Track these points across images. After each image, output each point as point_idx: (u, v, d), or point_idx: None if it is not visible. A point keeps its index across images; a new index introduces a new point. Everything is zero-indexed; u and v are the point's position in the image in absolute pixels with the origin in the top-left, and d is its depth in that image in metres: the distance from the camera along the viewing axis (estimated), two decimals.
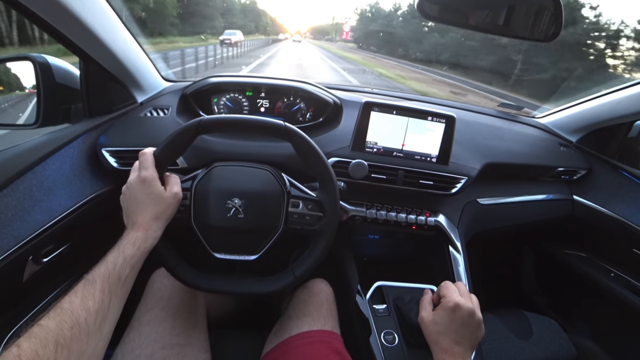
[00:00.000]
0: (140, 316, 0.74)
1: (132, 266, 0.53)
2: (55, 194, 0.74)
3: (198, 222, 0.67)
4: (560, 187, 1.22)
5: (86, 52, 0.78)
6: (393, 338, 0.76)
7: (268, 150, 0.87)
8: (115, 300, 0.49)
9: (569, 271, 1.27)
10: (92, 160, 0.85)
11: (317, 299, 0.82)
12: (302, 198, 0.71)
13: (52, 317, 0.41)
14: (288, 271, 0.69)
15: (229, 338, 0.83)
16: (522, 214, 1.17)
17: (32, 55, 0.83)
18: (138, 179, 0.60)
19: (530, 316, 1.07)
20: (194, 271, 0.67)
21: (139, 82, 0.96)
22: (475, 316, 0.63)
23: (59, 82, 0.85)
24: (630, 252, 1.04)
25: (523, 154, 1.11)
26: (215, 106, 1.05)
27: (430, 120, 0.87)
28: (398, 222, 0.93)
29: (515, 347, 0.97)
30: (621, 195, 1.09)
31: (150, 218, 0.58)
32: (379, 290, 0.87)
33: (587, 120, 1.17)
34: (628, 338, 1.10)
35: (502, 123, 1.23)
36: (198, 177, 0.70)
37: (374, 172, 0.89)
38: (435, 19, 0.76)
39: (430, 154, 0.90)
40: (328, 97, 1.03)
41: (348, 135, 0.90)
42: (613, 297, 1.09)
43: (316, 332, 0.74)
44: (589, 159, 1.20)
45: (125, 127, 0.91)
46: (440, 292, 0.68)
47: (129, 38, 0.88)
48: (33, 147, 0.74)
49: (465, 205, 1.04)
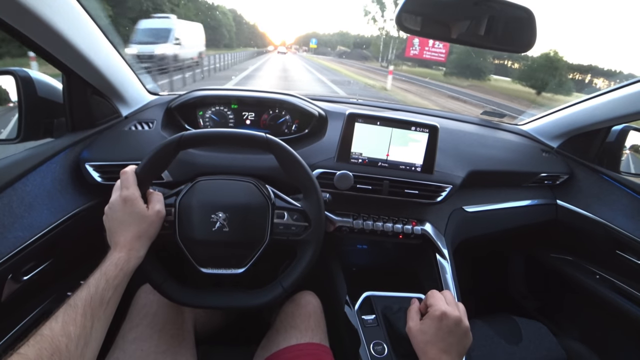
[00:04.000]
0: (125, 334, 0.72)
1: (114, 288, 0.52)
2: (37, 210, 0.72)
3: (183, 238, 0.67)
4: (543, 192, 1.24)
5: (68, 66, 0.77)
6: (382, 348, 0.76)
7: (252, 162, 0.87)
8: (97, 324, 0.48)
9: (556, 275, 1.29)
10: (75, 175, 0.84)
11: (304, 312, 0.81)
12: (287, 209, 0.71)
13: (32, 345, 0.40)
14: (276, 283, 0.68)
15: (217, 354, 0.82)
16: (507, 220, 1.19)
17: (14, 69, 0.82)
18: (120, 198, 0.59)
19: (519, 321, 1.08)
20: (180, 287, 0.66)
21: (123, 95, 0.96)
22: (462, 324, 0.63)
23: (41, 96, 0.84)
24: (613, 254, 1.06)
25: (506, 161, 1.13)
26: (200, 119, 1.05)
27: (414, 130, 0.89)
28: (385, 232, 0.93)
29: (506, 353, 0.98)
30: (603, 198, 1.12)
31: (133, 237, 0.58)
32: (368, 301, 0.86)
33: (567, 126, 1.20)
34: (615, 338, 1.11)
35: (485, 131, 1.25)
36: (182, 192, 0.69)
37: (360, 183, 0.89)
38: (416, 33, 0.77)
39: (414, 163, 0.91)
40: (313, 109, 1.04)
41: (333, 147, 0.91)
42: (599, 298, 1.11)
43: (304, 345, 0.74)
44: (571, 163, 1.22)
45: (110, 141, 0.90)
46: (427, 301, 0.68)
47: (112, 51, 0.88)
48: (13, 163, 0.73)
49: (451, 213, 1.05)
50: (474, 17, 0.78)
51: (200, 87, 1.09)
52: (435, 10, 0.79)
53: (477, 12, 0.78)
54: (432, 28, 0.81)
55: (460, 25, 0.80)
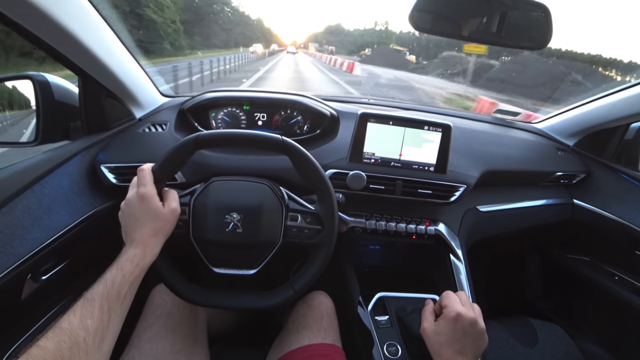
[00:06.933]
0: (140, 333, 0.73)
1: (130, 283, 0.53)
2: (55, 212, 0.74)
3: (197, 237, 0.67)
4: (559, 191, 1.22)
5: (84, 69, 0.79)
6: (396, 350, 0.75)
7: (266, 163, 0.87)
8: (114, 318, 0.48)
9: (573, 276, 1.26)
10: (91, 177, 0.85)
11: (316, 312, 0.81)
12: (301, 211, 0.70)
13: (51, 338, 0.41)
14: (287, 285, 0.68)
15: (230, 354, 0.82)
16: (522, 219, 1.17)
17: (32, 73, 0.84)
18: (136, 195, 0.60)
19: (534, 323, 1.06)
20: (193, 287, 0.67)
21: (137, 98, 0.97)
22: (477, 325, 0.62)
23: (58, 100, 0.85)
24: (632, 255, 1.03)
25: (521, 160, 1.12)
26: (213, 121, 1.05)
27: (427, 130, 0.88)
28: (398, 232, 0.92)
29: (521, 355, 0.96)
30: (621, 197, 1.09)
31: (149, 234, 0.58)
32: (381, 301, 0.86)
33: (584, 124, 1.18)
34: (635, 342, 1.08)
35: (499, 130, 1.23)
36: (196, 192, 0.70)
37: (372, 183, 0.89)
38: (428, 31, 0.76)
39: (427, 163, 0.90)
40: (325, 109, 1.04)
41: (345, 147, 0.90)
42: (618, 300, 1.08)
43: (316, 345, 0.74)
44: (587, 162, 1.20)
45: (124, 143, 0.92)
46: (442, 302, 0.68)
47: (126, 55, 0.89)
48: (32, 165, 0.75)
49: (465, 213, 1.03)
50: (486, 14, 0.77)
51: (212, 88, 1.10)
52: (448, 8, 0.78)
53: (490, 9, 0.77)
54: (445, 26, 0.80)
55: (472, 23, 0.79)
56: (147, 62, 1.38)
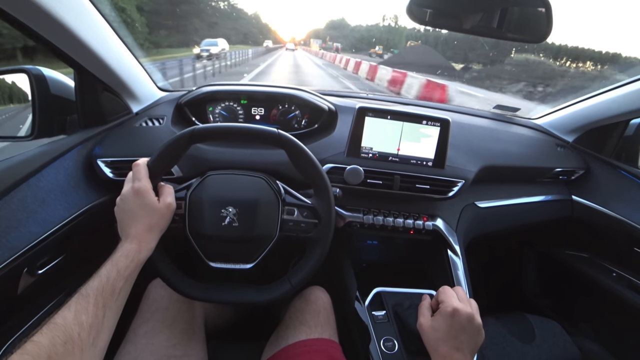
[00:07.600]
0: (136, 328, 0.73)
1: (125, 278, 0.52)
2: (50, 206, 0.73)
3: (193, 232, 0.67)
4: (558, 187, 1.21)
5: (80, 63, 0.78)
6: (393, 345, 0.75)
7: (262, 157, 0.87)
8: (109, 314, 0.48)
9: (571, 272, 1.26)
10: (87, 171, 0.85)
11: (314, 307, 0.81)
12: (297, 205, 0.70)
13: (45, 333, 0.41)
14: (284, 279, 0.68)
15: (227, 349, 0.82)
16: (521, 215, 1.17)
17: (27, 67, 0.83)
18: (131, 190, 0.59)
19: (532, 319, 1.06)
20: (189, 281, 0.67)
21: (134, 92, 0.96)
22: (474, 321, 0.62)
23: (54, 94, 0.85)
24: (631, 252, 1.03)
25: (520, 156, 1.11)
26: (210, 115, 1.05)
27: (425, 124, 0.87)
28: (395, 228, 0.92)
29: (518, 351, 0.96)
30: (620, 194, 1.09)
31: (144, 229, 0.58)
32: (378, 297, 0.86)
33: (583, 120, 1.17)
34: (633, 339, 1.08)
35: (498, 125, 1.23)
36: (192, 186, 0.69)
37: (370, 178, 0.88)
38: (427, 23, 0.76)
39: (426, 158, 0.90)
40: (323, 103, 1.04)
41: (343, 142, 0.90)
42: (616, 297, 1.08)
43: (313, 340, 0.74)
44: (587, 158, 1.19)
45: (121, 137, 0.91)
46: (438, 297, 0.67)
47: (123, 49, 0.88)
48: (28, 159, 0.74)
49: (463, 208, 1.03)
50: (485, 9, 0.76)
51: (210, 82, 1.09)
52: (444, 3, 0.78)
53: (489, 3, 0.76)
54: (444, 19, 0.79)
55: (472, 17, 0.79)
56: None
